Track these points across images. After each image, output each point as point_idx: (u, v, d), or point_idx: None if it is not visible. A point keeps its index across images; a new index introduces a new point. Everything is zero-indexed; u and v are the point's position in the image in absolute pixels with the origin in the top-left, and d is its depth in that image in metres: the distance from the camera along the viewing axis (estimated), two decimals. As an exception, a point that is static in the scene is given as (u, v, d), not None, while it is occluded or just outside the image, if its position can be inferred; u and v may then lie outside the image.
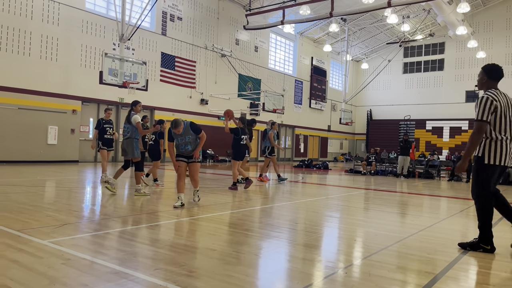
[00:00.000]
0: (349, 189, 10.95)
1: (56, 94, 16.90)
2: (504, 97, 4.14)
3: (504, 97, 4.14)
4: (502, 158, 4.06)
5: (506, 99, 4.14)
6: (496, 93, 4.08)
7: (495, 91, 4.11)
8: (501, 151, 4.05)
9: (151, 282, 2.91)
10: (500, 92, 4.15)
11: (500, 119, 4.04)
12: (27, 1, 15.90)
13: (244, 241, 4.29)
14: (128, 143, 7.57)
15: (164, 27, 21.30)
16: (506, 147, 4.08)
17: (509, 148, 4.10)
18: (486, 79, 4.21)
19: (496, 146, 4.06)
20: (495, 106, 4.00)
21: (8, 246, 3.70)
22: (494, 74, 4.19)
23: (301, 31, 31.26)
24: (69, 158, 17.20)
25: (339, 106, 35.12)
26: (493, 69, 4.21)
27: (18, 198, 6.74)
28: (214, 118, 24.45)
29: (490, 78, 4.20)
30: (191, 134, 6.60)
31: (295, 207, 7.16)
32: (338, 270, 3.44)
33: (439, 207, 8.17)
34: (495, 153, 4.05)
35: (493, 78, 4.19)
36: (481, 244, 4.13)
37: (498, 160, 4.05)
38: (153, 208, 6.46)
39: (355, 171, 18.10)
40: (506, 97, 4.17)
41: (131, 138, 7.57)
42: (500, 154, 4.05)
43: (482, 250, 4.11)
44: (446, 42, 33.90)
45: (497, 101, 4.02)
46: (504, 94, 4.16)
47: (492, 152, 4.06)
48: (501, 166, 4.09)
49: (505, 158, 4.08)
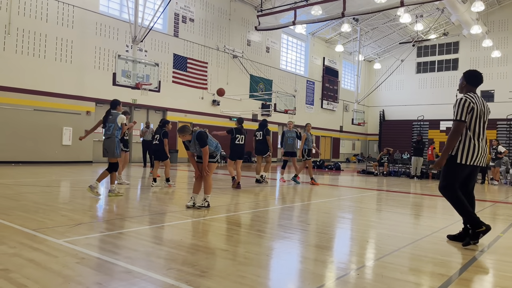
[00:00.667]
0: (362, 190, 10.88)
1: (70, 95, 17.15)
2: (481, 101, 4.40)
3: (481, 101, 4.41)
4: (473, 158, 4.32)
5: (482, 104, 4.40)
6: (473, 96, 4.36)
7: (472, 95, 4.39)
8: (473, 151, 4.31)
9: (164, 282, 2.94)
10: (477, 96, 4.42)
11: (475, 121, 4.31)
12: (42, 4, 16.18)
13: (255, 242, 4.29)
14: (110, 142, 7.44)
15: (176, 29, 21.45)
16: (479, 148, 4.33)
17: (482, 150, 4.35)
18: (466, 84, 4.52)
19: (469, 146, 4.31)
20: (472, 107, 4.28)
21: (24, 245, 3.77)
22: (473, 80, 4.50)
23: (312, 31, 31.17)
24: (83, 158, 17.43)
25: (351, 107, 34.90)
26: (473, 75, 4.53)
27: (33, 198, 6.86)
28: (226, 119, 24.52)
29: (469, 83, 4.50)
30: (197, 145, 6.38)
31: (307, 208, 7.14)
32: (350, 271, 3.42)
33: (451, 209, 8.05)
34: (467, 153, 4.31)
35: (472, 83, 4.49)
36: (476, 230, 4.29)
37: (470, 160, 4.31)
38: (166, 208, 6.51)
39: (367, 172, 17.97)
40: (483, 102, 4.44)
41: (112, 138, 7.46)
42: (472, 154, 4.31)
43: (482, 234, 4.29)
44: (461, 42, 33.44)
45: (474, 103, 4.29)
46: (481, 99, 4.44)
47: (465, 152, 4.32)
48: (473, 166, 4.35)
49: (476, 158, 4.33)
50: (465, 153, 4.32)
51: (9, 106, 15.33)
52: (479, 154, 4.34)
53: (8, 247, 3.68)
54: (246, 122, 25.65)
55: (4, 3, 15.13)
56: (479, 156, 4.35)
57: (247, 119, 25.61)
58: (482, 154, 4.37)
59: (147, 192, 8.46)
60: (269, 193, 9.58)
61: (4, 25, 15.16)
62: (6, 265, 3.16)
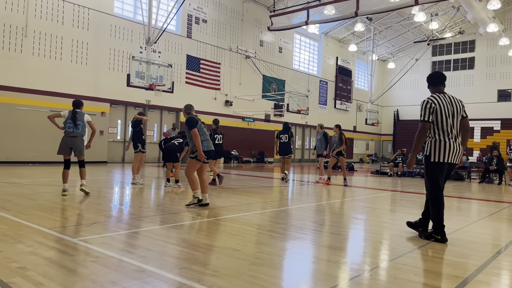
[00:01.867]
0: (375, 190, 10.78)
1: (86, 97, 17.37)
2: (449, 101, 4.57)
3: (450, 100, 4.58)
4: (446, 155, 4.50)
5: (451, 102, 4.57)
6: (437, 97, 4.57)
7: (437, 95, 4.60)
8: (445, 149, 4.49)
9: (176, 281, 2.96)
10: (445, 96, 4.60)
11: (442, 119, 4.50)
12: (58, 7, 16.46)
13: (268, 242, 4.30)
14: (79, 141, 7.56)
15: (190, 30, 21.59)
16: (450, 145, 4.50)
17: (453, 147, 4.52)
18: (429, 86, 4.80)
19: (440, 145, 4.50)
20: (434, 107, 4.50)
21: (41, 244, 3.84)
22: (432, 81, 4.78)
23: (325, 31, 31.03)
24: (98, 159, 17.67)
25: (365, 107, 34.63)
26: (431, 76, 4.81)
27: (49, 197, 6.98)
28: (239, 120, 24.58)
29: (431, 85, 4.78)
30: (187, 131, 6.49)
31: (320, 209, 7.11)
32: (364, 272, 3.40)
33: (469, 210, 7.94)
34: (439, 151, 4.50)
35: (433, 84, 4.76)
36: (433, 234, 4.55)
37: (442, 158, 4.50)
38: (179, 208, 6.56)
39: (381, 173, 17.80)
40: (452, 101, 4.59)
41: (81, 136, 7.62)
42: (444, 152, 4.49)
43: (434, 240, 4.52)
44: (477, 40, 32.90)
45: (435, 103, 4.51)
46: (451, 98, 4.61)
47: (437, 151, 4.51)
48: (447, 163, 4.53)
49: (449, 155, 4.50)
50: (437, 151, 4.51)
51: (27, 107, 15.65)
52: (451, 151, 4.50)
53: (25, 245, 3.76)
54: (259, 122, 25.77)
55: (21, 6, 15.44)
56: (452, 154, 4.52)
57: (259, 120, 25.73)
58: (454, 152, 4.53)
59: (161, 192, 8.54)
60: (282, 193, 9.57)
61: (21, 27, 15.47)
62: (23, 263, 3.23)
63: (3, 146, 15.03)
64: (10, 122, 15.25)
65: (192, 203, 6.41)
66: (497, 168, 14.56)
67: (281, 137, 11.96)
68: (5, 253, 3.47)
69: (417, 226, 4.88)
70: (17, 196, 6.95)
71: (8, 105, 15.17)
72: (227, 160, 23.38)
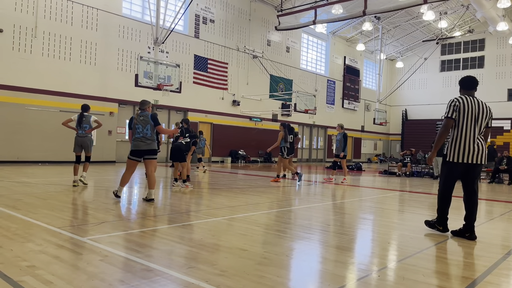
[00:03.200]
0: (383, 190, 10.72)
1: (94, 97, 17.54)
2: (477, 104, 4.65)
3: (477, 104, 4.66)
4: (462, 156, 4.61)
5: (478, 106, 4.65)
6: (464, 98, 4.67)
7: (464, 97, 4.70)
8: (461, 149, 4.61)
9: (184, 280, 2.97)
10: (472, 99, 4.68)
11: (464, 121, 4.60)
12: (67, 8, 16.61)
13: (275, 242, 4.29)
14: (88, 140, 8.74)
15: (197, 30, 21.65)
16: (467, 146, 4.60)
17: (472, 147, 4.60)
18: (460, 89, 4.92)
19: (456, 145, 4.64)
20: (458, 107, 4.62)
21: (50, 243, 3.88)
22: (465, 84, 4.87)
23: (333, 30, 30.92)
24: (106, 158, 17.81)
25: (373, 106, 34.45)
26: (464, 80, 4.90)
27: (59, 196, 7.05)
28: (246, 119, 24.60)
29: (463, 88, 4.89)
30: (149, 124, 6.84)
31: (327, 209, 7.09)
32: (371, 273, 3.38)
33: (479, 210, 7.83)
34: (455, 152, 4.64)
35: (465, 88, 4.87)
36: (436, 224, 4.94)
37: (457, 158, 4.63)
38: (186, 207, 6.58)
39: (389, 173, 17.70)
40: (480, 105, 4.67)
41: (89, 136, 8.78)
42: (459, 152, 4.62)
43: (437, 229, 4.93)
44: (486, 39, 32.55)
45: (461, 103, 4.63)
46: (478, 102, 4.68)
47: (453, 151, 4.66)
48: (464, 163, 4.63)
49: (465, 156, 4.61)
50: (452, 151, 4.66)
51: (36, 108, 15.81)
52: (469, 152, 4.60)
53: (35, 244, 3.80)
54: (267, 122, 25.74)
55: (30, 7, 15.61)
56: (470, 155, 4.61)
57: (266, 119, 25.71)
58: (472, 152, 4.61)
59: (168, 192, 8.57)
60: (290, 193, 9.56)
61: (31, 28, 15.64)
62: (33, 262, 3.27)
63: (13, 146, 15.21)
64: (20, 122, 15.42)
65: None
66: (508, 168, 14.40)
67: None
68: (15, 252, 3.51)
69: (463, 234, 4.79)
70: (27, 195, 7.03)
71: (18, 105, 15.35)
72: (235, 159, 23.42)
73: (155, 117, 6.93)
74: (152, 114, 6.96)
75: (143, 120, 6.81)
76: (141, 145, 6.82)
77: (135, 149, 6.84)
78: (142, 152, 6.88)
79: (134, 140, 6.83)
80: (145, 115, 6.86)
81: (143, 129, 6.80)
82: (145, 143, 6.82)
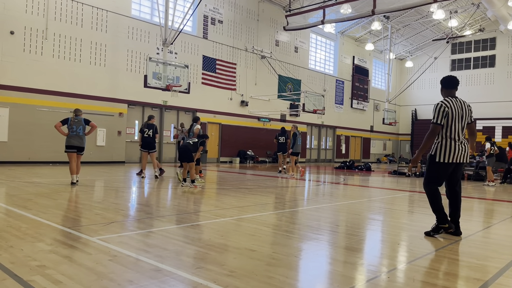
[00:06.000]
0: (393, 191, 10.64)
1: (104, 98, 17.67)
2: (460, 105, 4.76)
3: (460, 104, 4.77)
4: (451, 156, 4.71)
5: (461, 107, 4.76)
6: (449, 101, 4.75)
7: (449, 99, 4.78)
8: (450, 151, 4.71)
9: (192, 281, 2.98)
10: (456, 100, 4.79)
11: (451, 123, 4.70)
12: (77, 10, 16.76)
13: (284, 243, 4.28)
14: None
15: (206, 31, 21.70)
16: (455, 147, 4.72)
17: (459, 148, 4.73)
18: (443, 89, 4.96)
19: (446, 147, 4.72)
20: (447, 112, 4.69)
21: (60, 243, 3.91)
22: (448, 84, 4.92)
23: (342, 30, 30.77)
24: (116, 159, 17.93)
25: (382, 106, 34.20)
26: (447, 79, 4.95)
27: (69, 197, 7.11)
28: (254, 120, 24.59)
29: (445, 88, 4.93)
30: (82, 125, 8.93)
31: (336, 209, 7.06)
32: (381, 274, 3.35)
33: (490, 211, 7.75)
34: (445, 153, 4.72)
35: (448, 87, 4.92)
36: (440, 225, 4.78)
37: (447, 159, 4.72)
38: (195, 208, 6.60)
39: (399, 173, 17.56)
40: (462, 105, 4.78)
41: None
42: (449, 154, 4.71)
43: (443, 230, 4.77)
44: (497, 37, 32.14)
45: (449, 108, 4.69)
46: (461, 102, 4.79)
47: (443, 152, 4.73)
48: (453, 163, 4.74)
49: (454, 156, 4.72)
50: (442, 152, 4.73)
51: (47, 109, 15.98)
52: (456, 152, 4.73)
53: (45, 244, 3.84)
54: (275, 123, 25.70)
55: (41, 10, 15.78)
56: (457, 155, 4.74)
57: (275, 120, 25.68)
58: (460, 153, 4.75)
59: (177, 192, 8.60)
60: (298, 193, 9.54)
61: (42, 30, 15.81)
62: (43, 261, 3.30)
63: (24, 146, 15.39)
64: (31, 123, 15.60)
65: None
66: None
67: (279, 138, 15.34)
68: (25, 252, 3.55)
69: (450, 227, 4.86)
70: (38, 195, 7.10)
71: (30, 106, 15.53)
72: (243, 160, 23.43)
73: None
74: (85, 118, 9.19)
75: (77, 122, 9.11)
76: (70, 142, 9.04)
77: (66, 144, 9.13)
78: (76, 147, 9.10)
79: (68, 137, 9.07)
80: (79, 119, 9.16)
81: (76, 129, 9.08)
82: (78, 140, 9.11)
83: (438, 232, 4.79)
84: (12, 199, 6.59)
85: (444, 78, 5.01)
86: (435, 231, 4.80)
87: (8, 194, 7.22)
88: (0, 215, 5.22)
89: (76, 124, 9.15)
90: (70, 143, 9.10)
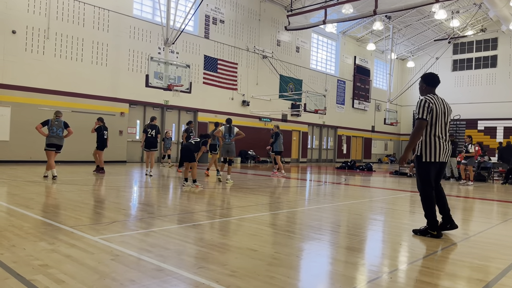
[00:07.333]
0: (394, 191, 10.63)
1: (105, 97, 17.70)
2: (441, 102, 4.78)
3: (441, 102, 4.79)
4: (437, 155, 4.69)
5: (443, 104, 4.78)
6: (433, 97, 4.74)
7: (432, 96, 4.78)
8: (435, 149, 4.69)
9: (194, 280, 2.98)
10: (437, 97, 4.79)
11: (435, 121, 4.68)
12: (79, 10, 16.79)
13: (285, 243, 4.28)
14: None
15: (207, 30, 21.71)
16: (440, 145, 4.70)
17: (443, 146, 4.73)
18: (425, 86, 4.92)
19: (431, 145, 4.70)
20: (431, 108, 4.66)
21: (62, 242, 3.92)
22: (431, 81, 4.91)
23: (343, 30, 30.76)
24: (117, 158, 17.95)
25: (383, 106, 34.18)
26: (430, 76, 4.95)
27: (71, 196, 7.12)
28: (256, 119, 24.60)
29: (428, 85, 4.90)
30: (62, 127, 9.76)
31: (338, 209, 7.06)
32: (383, 274, 3.35)
33: (492, 212, 7.74)
34: (430, 152, 4.70)
35: (430, 85, 4.90)
36: (429, 230, 4.73)
37: (433, 157, 4.69)
38: (197, 207, 6.60)
39: (400, 173, 17.54)
40: (443, 102, 4.81)
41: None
42: (435, 152, 4.69)
43: (430, 235, 4.70)
44: (499, 38, 32.08)
45: (433, 104, 4.68)
46: (441, 99, 4.81)
47: (428, 151, 4.71)
48: (438, 162, 4.73)
49: (439, 155, 4.70)
50: (428, 151, 4.71)
51: (49, 108, 15.99)
52: (441, 151, 4.72)
53: (47, 243, 3.84)
54: (276, 123, 25.65)
55: (43, 9, 15.81)
56: (442, 153, 4.73)
57: (276, 119, 25.68)
58: (444, 151, 4.76)
59: (178, 192, 8.61)
60: (299, 193, 9.54)
61: (44, 30, 15.84)
62: (45, 260, 3.30)
63: (26, 145, 15.41)
64: (33, 122, 15.49)
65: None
66: None
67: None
68: (27, 251, 3.55)
69: (444, 227, 4.88)
70: (40, 194, 7.12)
71: (31, 105, 15.56)
72: (244, 160, 23.43)
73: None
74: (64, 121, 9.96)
75: (57, 124, 9.90)
76: (51, 140, 9.82)
77: (47, 142, 9.87)
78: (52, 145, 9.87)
79: (49, 137, 9.77)
80: (59, 121, 9.95)
81: (56, 130, 9.86)
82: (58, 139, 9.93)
83: (425, 235, 4.73)
84: (14, 198, 6.60)
85: (427, 75, 4.97)
86: (423, 234, 4.76)
87: (10, 193, 7.24)
88: (2, 214, 5.23)
89: (56, 126, 9.93)
90: (51, 142, 9.86)
